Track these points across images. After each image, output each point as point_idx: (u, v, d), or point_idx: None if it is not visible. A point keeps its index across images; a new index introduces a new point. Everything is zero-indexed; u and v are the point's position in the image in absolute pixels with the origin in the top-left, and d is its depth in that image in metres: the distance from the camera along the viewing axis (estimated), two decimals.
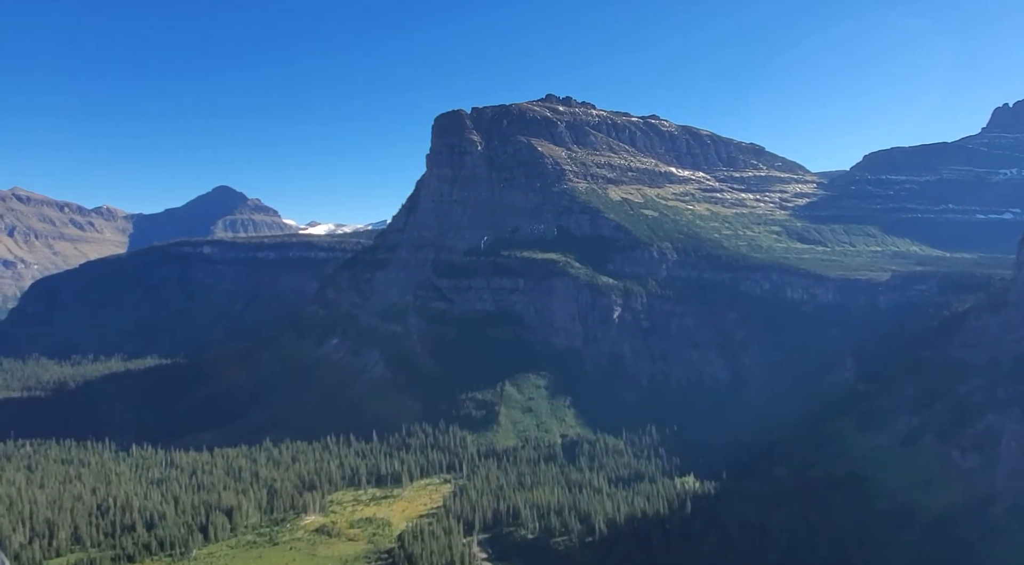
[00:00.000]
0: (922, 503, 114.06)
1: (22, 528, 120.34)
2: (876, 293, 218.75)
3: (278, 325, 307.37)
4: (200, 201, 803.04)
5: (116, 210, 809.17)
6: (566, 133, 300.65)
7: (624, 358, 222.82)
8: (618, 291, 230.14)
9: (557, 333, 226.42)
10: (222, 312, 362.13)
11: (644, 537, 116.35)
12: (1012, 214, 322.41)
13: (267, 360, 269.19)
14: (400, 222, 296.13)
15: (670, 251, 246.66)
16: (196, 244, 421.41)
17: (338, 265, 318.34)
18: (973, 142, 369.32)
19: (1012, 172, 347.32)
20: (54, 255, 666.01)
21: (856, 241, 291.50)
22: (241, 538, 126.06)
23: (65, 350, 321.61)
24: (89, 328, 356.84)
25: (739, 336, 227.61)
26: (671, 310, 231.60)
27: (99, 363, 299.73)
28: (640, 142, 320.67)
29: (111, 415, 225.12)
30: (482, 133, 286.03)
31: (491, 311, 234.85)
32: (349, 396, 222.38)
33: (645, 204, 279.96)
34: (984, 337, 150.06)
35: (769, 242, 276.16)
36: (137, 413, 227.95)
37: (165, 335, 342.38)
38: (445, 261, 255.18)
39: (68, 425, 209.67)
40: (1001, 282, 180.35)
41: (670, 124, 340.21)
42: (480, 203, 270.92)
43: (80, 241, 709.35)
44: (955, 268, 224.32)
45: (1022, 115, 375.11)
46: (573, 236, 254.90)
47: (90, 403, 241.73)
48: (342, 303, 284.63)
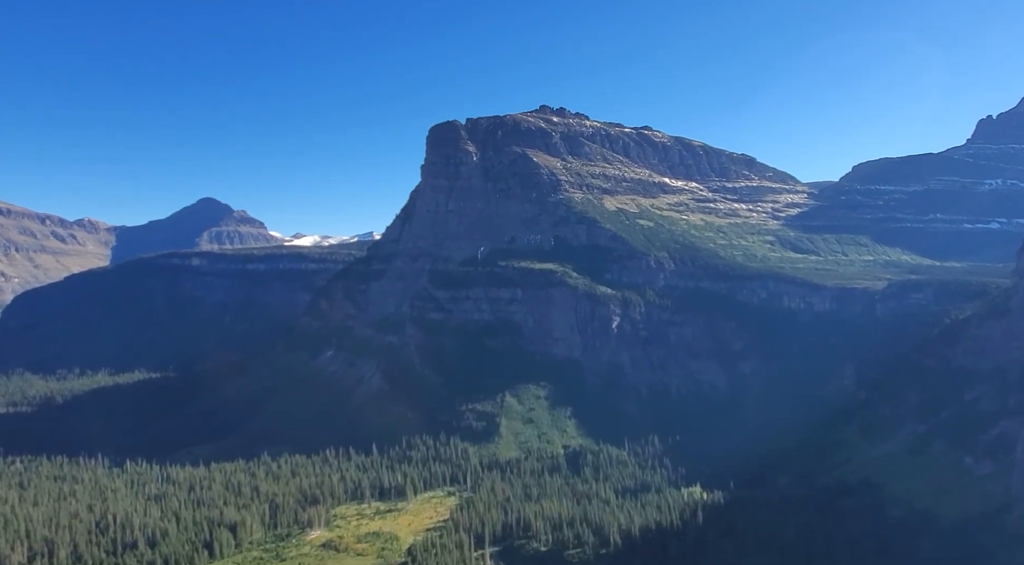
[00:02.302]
0: (937, 510, 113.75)
1: (20, 547, 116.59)
2: (873, 302, 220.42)
3: (270, 337, 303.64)
4: (185, 213, 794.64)
5: (98, 222, 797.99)
6: (561, 144, 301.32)
7: (624, 368, 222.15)
8: (616, 301, 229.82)
9: (556, 343, 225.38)
10: (211, 324, 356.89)
11: (660, 548, 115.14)
12: (998, 224, 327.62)
13: (261, 372, 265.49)
14: (394, 233, 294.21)
15: (667, 261, 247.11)
16: (185, 256, 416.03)
17: (331, 276, 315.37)
18: (959, 153, 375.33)
19: (997, 182, 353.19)
20: (35, 268, 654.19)
21: (848, 250, 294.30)
22: (247, 554, 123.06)
23: (50, 365, 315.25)
24: (74, 342, 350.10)
25: (737, 345, 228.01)
26: (669, 319, 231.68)
27: (86, 377, 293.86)
28: (634, 153, 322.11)
29: (102, 430, 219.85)
30: (477, 144, 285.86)
31: (489, 321, 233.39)
32: (346, 408, 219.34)
33: (640, 214, 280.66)
34: (987, 344, 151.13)
35: (764, 251, 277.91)
36: (128, 428, 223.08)
37: (153, 348, 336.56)
38: (442, 271, 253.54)
39: (58, 441, 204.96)
40: (997, 290, 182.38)
41: (663, 135, 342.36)
42: (476, 213, 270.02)
43: (62, 254, 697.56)
44: (948, 277, 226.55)
45: (1006, 126, 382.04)
46: (570, 246, 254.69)
47: (79, 418, 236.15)
48: (336, 314, 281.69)
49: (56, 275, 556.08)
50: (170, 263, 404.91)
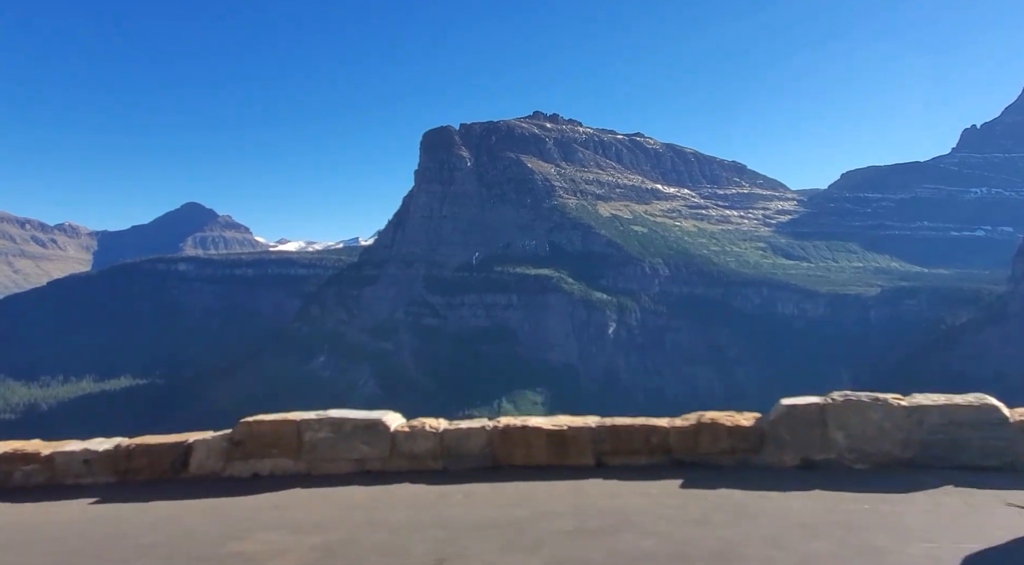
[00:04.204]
0: None
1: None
2: (866, 307, 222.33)
3: (258, 343, 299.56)
4: (168, 218, 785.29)
5: (80, 227, 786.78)
6: (554, 149, 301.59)
7: (619, 373, 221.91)
8: (612, 306, 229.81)
9: (552, 349, 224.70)
10: (198, 330, 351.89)
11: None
12: (984, 231, 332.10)
13: (250, 378, 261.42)
14: (387, 238, 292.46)
15: (662, 267, 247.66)
16: (171, 261, 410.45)
17: (322, 282, 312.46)
18: (944, 162, 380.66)
19: (982, 191, 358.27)
20: (14, 273, 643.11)
21: (839, 257, 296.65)
22: None
23: (31, 371, 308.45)
24: (58, 348, 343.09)
25: (732, 351, 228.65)
26: (665, 325, 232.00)
27: (70, 384, 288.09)
28: (626, 159, 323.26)
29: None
30: (471, 149, 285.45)
31: (485, 327, 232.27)
32: None
33: (634, 220, 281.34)
34: (985, 350, 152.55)
35: (756, 258, 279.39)
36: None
37: (139, 354, 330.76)
38: (436, 277, 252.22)
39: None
40: (991, 296, 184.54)
41: (655, 141, 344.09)
42: (471, 219, 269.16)
43: (42, 258, 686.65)
44: (940, 283, 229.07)
45: (989, 136, 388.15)
46: (565, 252, 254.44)
47: (64, 425, 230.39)
48: (327, 320, 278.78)
49: (36, 280, 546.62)
50: (156, 268, 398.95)
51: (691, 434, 9.22)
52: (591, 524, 7.17)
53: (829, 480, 8.30)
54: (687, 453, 9.19)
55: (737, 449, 9.11)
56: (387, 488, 9.02)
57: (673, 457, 9.24)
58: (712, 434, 9.14)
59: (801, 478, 8.44)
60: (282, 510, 8.27)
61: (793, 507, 7.50)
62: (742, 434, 9.10)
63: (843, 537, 6.58)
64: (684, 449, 9.22)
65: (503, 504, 8.03)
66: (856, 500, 7.64)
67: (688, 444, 9.22)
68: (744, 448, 9.09)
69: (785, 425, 9.05)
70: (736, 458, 9.10)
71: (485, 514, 7.70)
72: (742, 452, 9.10)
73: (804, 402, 9.19)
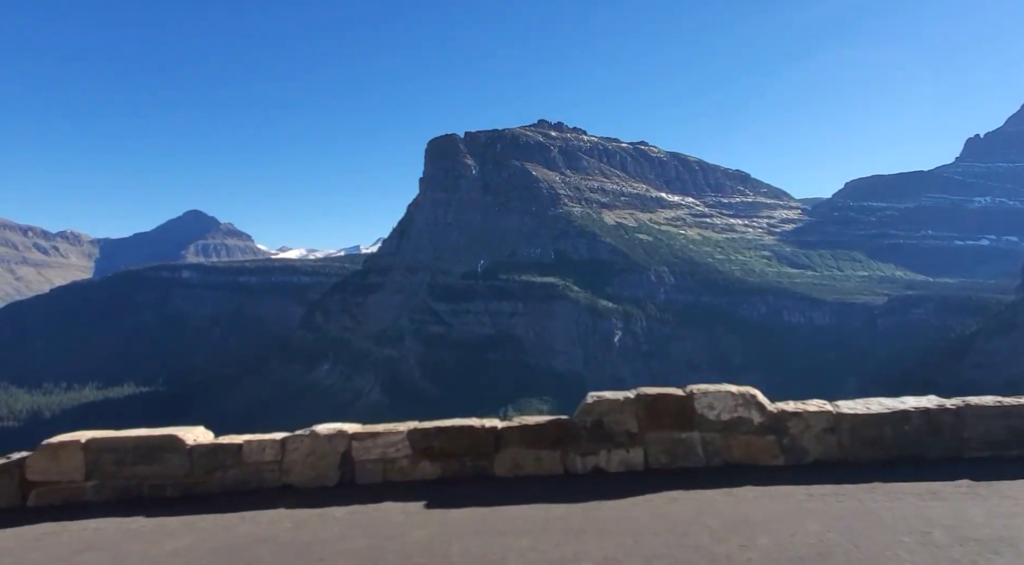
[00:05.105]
0: None
1: None
2: (873, 316, 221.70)
3: (262, 351, 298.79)
4: (171, 225, 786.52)
5: (82, 234, 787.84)
6: (559, 158, 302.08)
7: (625, 381, 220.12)
8: (618, 314, 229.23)
9: (558, 357, 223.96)
10: (202, 338, 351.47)
11: None
12: (988, 240, 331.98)
13: (255, 386, 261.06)
14: (392, 246, 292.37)
15: (667, 275, 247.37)
16: (175, 268, 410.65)
17: (327, 289, 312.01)
18: (948, 171, 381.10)
19: (986, 200, 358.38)
20: (16, 280, 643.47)
21: (844, 266, 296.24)
22: None
23: (34, 378, 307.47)
24: (59, 355, 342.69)
25: (739, 359, 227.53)
26: (671, 333, 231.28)
27: (73, 392, 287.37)
28: (631, 167, 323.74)
29: None
30: (476, 157, 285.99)
31: (490, 335, 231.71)
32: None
33: (639, 228, 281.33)
34: (995, 359, 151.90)
35: (761, 266, 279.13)
36: None
37: (142, 362, 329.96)
38: (442, 285, 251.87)
39: None
40: (1000, 305, 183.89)
41: (659, 150, 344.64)
42: (476, 226, 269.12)
43: (44, 266, 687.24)
44: (947, 292, 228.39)
45: (993, 145, 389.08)
46: (571, 259, 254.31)
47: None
48: (332, 327, 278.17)
49: (38, 288, 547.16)
50: (159, 275, 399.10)
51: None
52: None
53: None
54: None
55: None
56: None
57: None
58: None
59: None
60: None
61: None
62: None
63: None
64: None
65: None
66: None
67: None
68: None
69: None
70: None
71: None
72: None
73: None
